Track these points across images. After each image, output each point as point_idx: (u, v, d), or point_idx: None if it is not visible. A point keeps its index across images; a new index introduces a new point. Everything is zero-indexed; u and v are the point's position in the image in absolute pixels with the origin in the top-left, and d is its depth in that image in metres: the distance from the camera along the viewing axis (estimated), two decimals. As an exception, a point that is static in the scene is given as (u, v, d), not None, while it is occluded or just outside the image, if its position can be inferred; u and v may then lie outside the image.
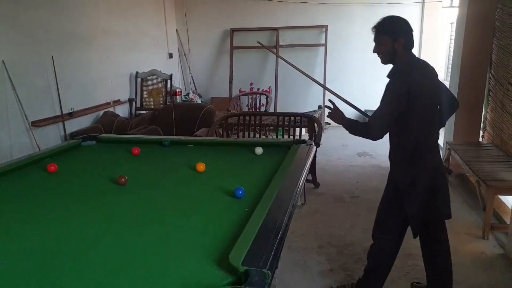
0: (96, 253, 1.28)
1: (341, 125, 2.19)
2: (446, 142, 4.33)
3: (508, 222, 2.98)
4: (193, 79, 7.31)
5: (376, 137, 2.05)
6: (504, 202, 3.37)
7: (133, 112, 5.70)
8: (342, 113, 2.19)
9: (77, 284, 1.12)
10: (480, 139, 4.39)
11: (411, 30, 2.02)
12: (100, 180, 1.97)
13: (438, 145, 2.14)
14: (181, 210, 1.62)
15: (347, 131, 2.17)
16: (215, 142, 2.81)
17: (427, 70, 2.04)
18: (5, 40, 3.62)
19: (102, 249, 1.31)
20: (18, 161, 2.23)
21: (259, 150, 2.37)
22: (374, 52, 2.07)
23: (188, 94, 6.92)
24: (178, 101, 6.16)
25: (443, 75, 6.31)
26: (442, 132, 5.52)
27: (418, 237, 2.18)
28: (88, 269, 1.19)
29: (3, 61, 3.57)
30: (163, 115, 4.95)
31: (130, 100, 5.72)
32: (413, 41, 2.02)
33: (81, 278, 1.14)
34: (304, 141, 2.48)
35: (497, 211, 3.29)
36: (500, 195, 3.09)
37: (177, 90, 6.24)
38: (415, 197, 2.06)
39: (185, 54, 7.25)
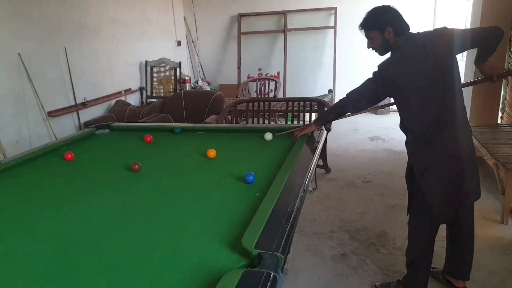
0: (112, 238, 1.33)
1: (318, 126, 2.37)
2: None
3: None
4: (201, 66, 7.31)
5: (354, 102, 2.09)
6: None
7: (144, 100, 5.74)
8: (306, 125, 2.37)
9: (94, 267, 1.16)
10: (499, 121, 4.29)
11: (397, 14, 1.96)
12: (115, 168, 2.02)
13: (456, 125, 1.95)
14: (194, 196, 1.65)
15: (327, 121, 2.37)
16: (225, 129, 2.83)
17: (423, 46, 1.90)
18: (20, 33, 3.67)
19: (118, 234, 1.35)
20: (37, 150, 2.29)
21: (268, 136, 2.38)
22: (368, 48, 2.07)
23: (197, 82, 6.92)
24: (187, 89, 6.17)
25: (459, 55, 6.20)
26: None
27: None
28: (105, 253, 1.23)
29: (19, 53, 3.63)
30: (173, 103, 4.98)
31: (140, 89, 5.76)
32: (403, 23, 1.96)
33: (98, 261, 1.19)
34: (314, 126, 2.48)
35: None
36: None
37: (186, 78, 6.25)
38: (432, 184, 1.99)
39: (193, 41, 7.24)
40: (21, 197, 1.72)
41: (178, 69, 5.91)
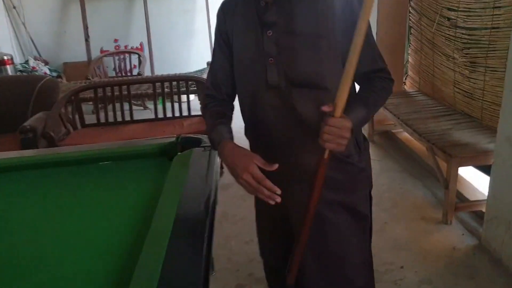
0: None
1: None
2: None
3: (472, 199, 2.35)
4: (32, 41, 5.41)
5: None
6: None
7: None
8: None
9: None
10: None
11: None
12: None
13: None
14: None
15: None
16: (39, 163, 1.49)
17: None
18: None
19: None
20: None
21: None
22: None
23: (27, 62, 5.08)
24: (9, 73, 4.37)
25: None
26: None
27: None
28: None
29: None
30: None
31: None
32: None
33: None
34: (197, 141, 1.33)
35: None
36: (464, 166, 2.35)
37: (4, 58, 4.41)
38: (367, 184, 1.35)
39: (15, 7, 5.27)
40: None
41: (-13, 45, 4.07)
